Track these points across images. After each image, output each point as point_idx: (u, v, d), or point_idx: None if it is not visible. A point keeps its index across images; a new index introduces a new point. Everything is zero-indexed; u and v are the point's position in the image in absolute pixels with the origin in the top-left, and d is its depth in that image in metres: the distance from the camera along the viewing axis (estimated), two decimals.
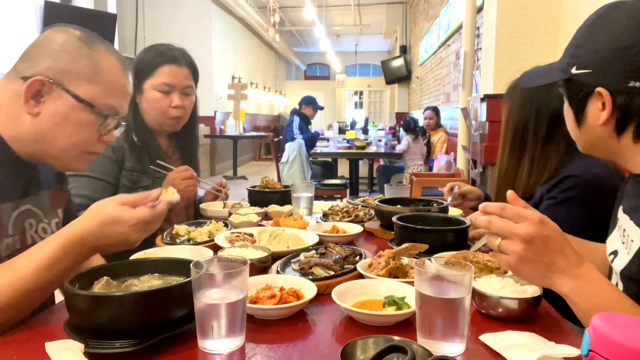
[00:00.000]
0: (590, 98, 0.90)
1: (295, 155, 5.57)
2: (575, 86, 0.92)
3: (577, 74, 0.90)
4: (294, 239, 1.34)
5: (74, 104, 0.97)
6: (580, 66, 0.89)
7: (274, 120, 15.97)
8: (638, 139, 0.88)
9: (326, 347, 0.81)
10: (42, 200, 1.08)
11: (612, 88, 0.86)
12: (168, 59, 1.62)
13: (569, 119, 0.99)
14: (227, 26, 10.69)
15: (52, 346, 0.71)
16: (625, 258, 0.88)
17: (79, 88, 0.98)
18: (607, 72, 0.86)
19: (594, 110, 0.90)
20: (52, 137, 0.98)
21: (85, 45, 0.99)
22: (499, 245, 0.81)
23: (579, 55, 0.90)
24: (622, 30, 0.85)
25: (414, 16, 10.84)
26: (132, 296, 0.76)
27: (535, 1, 2.97)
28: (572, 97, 0.95)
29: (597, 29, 0.89)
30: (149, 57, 1.64)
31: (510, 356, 0.75)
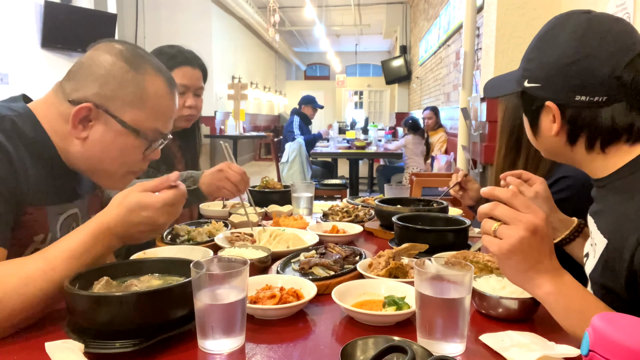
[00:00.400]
0: (542, 110, 0.93)
1: (295, 155, 5.57)
2: (529, 98, 0.95)
3: (529, 87, 0.93)
4: (294, 239, 1.34)
5: (120, 130, 0.99)
6: (531, 79, 0.92)
7: (274, 120, 15.97)
8: (590, 149, 0.90)
9: (326, 347, 0.81)
10: (83, 205, 1.12)
11: (560, 102, 0.89)
12: (182, 61, 1.68)
13: (527, 128, 1.01)
14: (227, 26, 10.69)
15: (52, 346, 0.71)
16: (592, 262, 0.89)
17: (125, 114, 0.99)
18: (554, 87, 0.89)
19: (547, 122, 0.93)
20: (99, 159, 1.01)
21: (131, 69, 1.00)
22: (496, 229, 0.77)
23: (530, 69, 0.93)
24: (566, 45, 0.87)
25: (414, 16, 10.84)
26: (132, 296, 0.76)
27: (535, 1, 2.97)
28: (526, 108, 0.97)
29: (544, 44, 0.91)
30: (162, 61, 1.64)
31: (510, 356, 0.75)
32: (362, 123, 8.00)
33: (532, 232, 0.76)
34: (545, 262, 0.79)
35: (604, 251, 0.85)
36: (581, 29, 0.86)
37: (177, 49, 1.70)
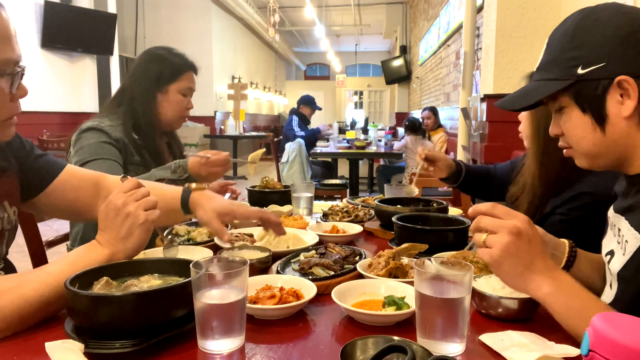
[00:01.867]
0: (609, 92, 0.85)
1: (295, 155, 5.56)
2: (587, 86, 0.86)
3: (587, 72, 0.85)
4: (294, 239, 1.34)
5: None
6: (586, 64, 0.85)
7: (274, 120, 15.97)
8: None
9: (326, 347, 0.81)
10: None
11: (634, 73, 0.82)
12: (190, 66, 1.83)
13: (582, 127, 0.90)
14: (227, 26, 10.69)
15: (52, 346, 0.71)
16: (621, 259, 0.88)
17: None
18: (623, 59, 0.83)
19: (615, 105, 0.85)
20: None
21: None
22: (485, 240, 0.82)
23: (580, 55, 0.86)
24: (617, 21, 0.84)
25: (414, 16, 10.84)
26: (132, 296, 0.76)
27: (535, 1, 2.97)
28: (585, 99, 0.88)
29: (588, 29, 0.86)
30: (176, 62, 1.80)
31: (510, 356, 0.75)
32: (362, 123, 8.00)
33: (517, 235, 0.80)
34: (538, 262, 0.81)
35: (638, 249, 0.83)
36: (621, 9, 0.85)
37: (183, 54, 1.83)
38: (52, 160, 1.22)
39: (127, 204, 0.97)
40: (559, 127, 0.95)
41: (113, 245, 0.96)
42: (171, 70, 1.77)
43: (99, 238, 0.97)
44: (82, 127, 1.66)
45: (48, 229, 2.15)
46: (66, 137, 6.04)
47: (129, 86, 1.77)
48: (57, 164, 1.22)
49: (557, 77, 0.89)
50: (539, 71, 0.94)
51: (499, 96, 3.14)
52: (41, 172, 1.18)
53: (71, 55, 6.82)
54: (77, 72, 6.99)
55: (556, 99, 0.91)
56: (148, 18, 9.40)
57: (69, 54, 6.78)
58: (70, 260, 0.92)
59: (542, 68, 0.94)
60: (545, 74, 0.92)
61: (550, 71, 0.91)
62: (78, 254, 0.94)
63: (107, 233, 0.96)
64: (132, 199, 0.98)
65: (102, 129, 1.63)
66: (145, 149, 1.74)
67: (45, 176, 1.18)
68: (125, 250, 0.96)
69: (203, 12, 9.59)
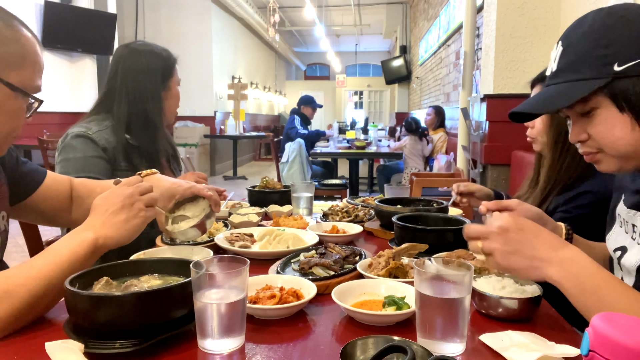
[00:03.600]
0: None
1: (295, 155, 5.57)
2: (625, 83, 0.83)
3: (625, 69, 0.82)
4: (294, 239, 1.34)
5: (8, 93, 0.93)
6: (623, 61, 0.82)
7: (274, 120, 15.97)
8: None
9: (326, 347, 0.81)
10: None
11: None
12: (175, 59, 1.80)
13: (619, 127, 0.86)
14: (227, 26, 10.69)
15: (52, 346, 0.71)
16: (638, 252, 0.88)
17: (10, 75, 0.93)
18: None
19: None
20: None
21: (7, 26, 0.93)
22: (482, 248, 0.85)
23: (613, 53, 0.83)
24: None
25: (414, 16, 10.84)
26: (132, 296, 0.76)
27: (535, 1, 2.97)
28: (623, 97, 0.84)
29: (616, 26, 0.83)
30: (169, 58, 1.77)
31: (510, 356, 0.75)
32: (362, 123, 8.00)
33: (505, 232, 0.83)
34: (541, 248, 0.82)
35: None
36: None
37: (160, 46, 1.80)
38: (35, 166, 1.25)
39: (133, 195, 0.99)
40: (584, 131, 0.90)
41: (103, 229, 0.95)
42: (169, 64, 1.74)
43: (87, 222, 0.97)
44: (69, 132, 1.60)
45: (48, 229, 2.15)
46: None
47: (126, 89, 1.66)
48: (39, 170, 1.25)
49: (590, 77, 0.85)
50: (560, 74, 0.89)
51: (499, 96, 3.14)
52: (27, 178, 1.20)
53: (71, 55, 6.82)
54: (77, 72, 6.99)
55: (587, 101, 0.87)
56: (148, 18, 9.39)
57: (69, 54, 6.78)
58: (55, 250, 0.91)
59: (563, 70, 0.89)
60: (572, 75, 0.87)
61: (580, 71, 0.86)
62: (62, 242, 0.94)
63: (101, 216, 0.96)
64: (138, 192, 1.00)
65: (89, 137, 1.57)
66: (138, 150, 1.66)
67: (31, 182, 1.21)
68: (117, 236, 0.96)
69: (203, 12, 9.58)
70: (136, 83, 1.67)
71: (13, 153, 1.20)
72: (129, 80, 1.67)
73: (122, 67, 1.69)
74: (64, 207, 1.28)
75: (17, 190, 1.18)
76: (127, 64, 1.68)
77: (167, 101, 1.76)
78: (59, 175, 1.31)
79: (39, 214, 1.26)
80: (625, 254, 0.93)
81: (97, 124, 1.63)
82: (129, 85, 1.67)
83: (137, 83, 1.67)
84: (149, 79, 1.68)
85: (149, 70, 1.68)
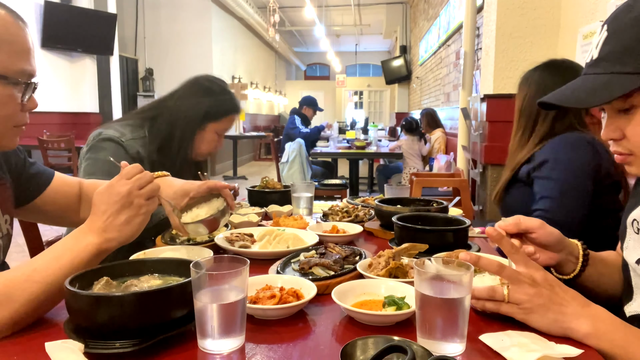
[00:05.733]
0: None
1: (295, 155, 5.57)
2: None
3: None
4: (294, 239, 1.34)
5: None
6: None
7: (274, 120, 15.97)
8: None
9: (326, 347, 0.81)
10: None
11: None
12: (237, 109, 1.78)
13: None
14: (227, 26, 10.69)
15: (52, 346, 0.71)
16: None
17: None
18: None
19: None
20: None
21: None
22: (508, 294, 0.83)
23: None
24: None
25: (414, 16, 10.84)
26: (132, 296, 0.76)
27: (535, 1, 2.97)
28: None
29: None
30: (226, 103, 1.75)
31: (510, 356, 0.75)
32: (362, 123, 8.01)
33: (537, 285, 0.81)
34: (569, 305, 0.79)
35: None
36: None
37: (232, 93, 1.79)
38: (43, 168, 1.25)
39: (131, 192, 0.94)
40: (620, 130, 0.83)
41: (106, 232, 0.92)
42: (219, 110, 1.72)
43: (89, 224, 0.93)
44: (102, 132, 1.59)
45: (48, 229, 2.15)
46: (66, 137, 6.06)
47: (172, 110, 1.69)
48: (47, 172, 1.25)
49: (636, 70, 0.77)
50: (602, 63, 0.81)
51: (499, 96, 3.14)
52: (35, 179, 1.20)
53: (71, 55, 6.83)
54: (77, 72, 6.99)
55: (629, 97, 0.79)
56: (148, 18, 9.39)
57: (69, 54, 6.78)
58: (57, 253, 0.89)
59: (606, 59, 0.81)
60: (615, 66, 0.79)
61: (626, 63, 0.78)
62: (65, 245, 0.91)
63: (103, 219, 0.93)
64: (137, 187, 0.95)
65: (121, 144, 1.57)
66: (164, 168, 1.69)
67: (40, 183, 1.21)
68: (119, 237, 0.94)
69: (203, 12, 9.58)
70: (179, 111, 1.69)
71: (21, 154, 1.19)
72: (177, 105, 1.70)
73: (182, 91, 1.73)
74: (72, 208, 1.27)
75: (23, 193, 1.17)
76: (187, 91, 1.73)
77: (198, 141, 1.72)
78: (68, 177, 1.30)
79: (44, 215, 1.26)
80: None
81: (132, 131, 1.64)
82: (173, 109, 1.69)
83: (180, 111, 1.69)
84: (188, 112, 1.68)
85: (195, 105, 1.69)
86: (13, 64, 0.92)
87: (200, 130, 1.71)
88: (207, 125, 1.71)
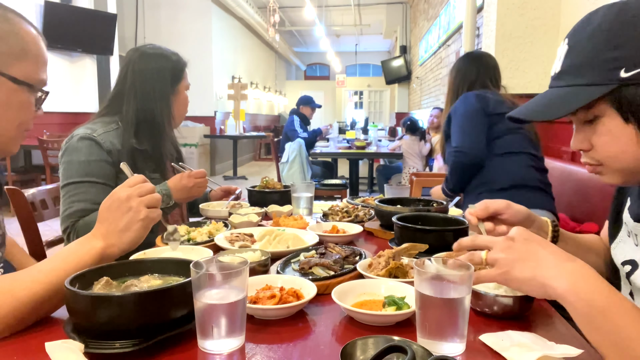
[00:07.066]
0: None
1: (295, 155, 5.56)
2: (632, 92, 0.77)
3: (632, 75, 0.75)
4: (294, 239, 1.33)
5: (13, 87, 0.94)
6: (631, 66, 0.75)
7: (274, 120, 15.97)
8: None
9: (326, 347, 0.81)
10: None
11: None
12: (185, 62, 1.80)
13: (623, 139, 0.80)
14: (227, 26, 10.69)
15: (52, 346, 0.71)
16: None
17: (13, 68, 0.94)
18: None
19: None
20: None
21: (5, 20, 0.94)
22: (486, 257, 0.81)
23: (620, 57, 0.76)
24: None
25: (414, 16, 10.85)
26: (132, 296, 0.76)
27: (535, 1, 2.97)
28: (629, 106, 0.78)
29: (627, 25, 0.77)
30: (179, 61, 1.76)
31: (510, 356, 0.75)
32: (362, 123, 8.01)
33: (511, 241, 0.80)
34: (548, 260, 0.75)
35: None
36: None
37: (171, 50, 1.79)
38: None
39: (130, 197, 0.96)
40: (587, 140, 0.84)
41: (108, 238, 0.95)
42: (179, 68, 1.74)
43: (95, 230, 0.96)
44: (74, 133, 1.60)
45: (48, 229, 2.15)
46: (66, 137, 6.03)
47: (137, 89, 1.66)
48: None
49: (594, 82, 0.78)
50: (563, 76, 0.84)
51: None
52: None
53: (71, 55, 6.82)
54: (77, 72, 6.99)
55: (590, 108, 0.81)
56: (148, 18, 9.39)
57: (69, 54, 6.78)
58: (63, 256, 0.92)
59: (567, 72, 0.83)
60: (576, 78, 0.81)
61: (584, 75, 0.80)
62: (70, 249, 0.94)
63: (105, 225, 0.96)
64: (136, 194, 0.97)
65: (94, 139, 1.57)
66: (143, 154, 1.67)
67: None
68: (120, 244, 0.95)
69: (203, 12, 9.58)
70: (145, 85, 1.67)
71: None
72: (138, 82, 1.67)
73: (132, 69, 1.69)
74: None
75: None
76: (137, 67, 1.69)
77: (176, 105, 1.74)
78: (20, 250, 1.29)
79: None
80: (636, 270, 0.87)
81: (103, 126, 1.63)
82: (138, 87, 1.67)
83: (146, 85, 1.67)
84: (158, 81, 1.68)
85: (158, 73, 1.68)
86: (36, 73, 0.98)
87: (173, 94, 1.73)
88: (177, 87, 1.74)
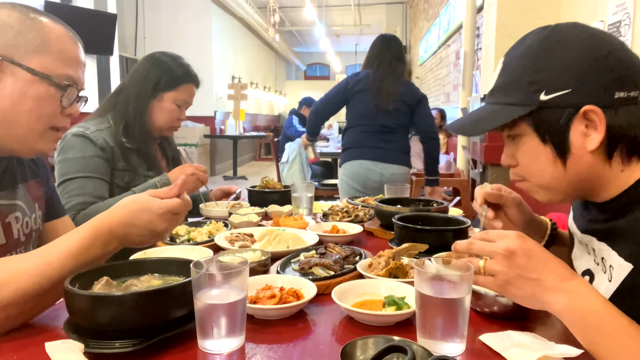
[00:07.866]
0: (573, 122, 0.77)
1: (295, 155, 5.55)
2: (549, 114, 0.79)
3: (550, 99, 0.77)
4: (294, 239, 1.34)
5: (30, 78, 0.95)
6: (550, 89, 0.77)
7: (274, 120, 15.97)
8: (629, 158, 0.78)
9: (326, 347, 0.81)
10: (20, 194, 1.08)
11: (601, 103, 0.75)
12: (192, 79, 1.77)
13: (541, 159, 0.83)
14: (227, 26, 10.69)
15: (52, 346, 0.71)
16: (608, 286, 0.81)
17: (31, 61, 0.95)
18: (591, 87, 0.76)
19: (579, 137, 0.78)
20: (13, 116, 0.95)
21: (28, 18, 0.96)
22: (484, 267, 0.78)
23: (542, 80, 0.78)
24: (585, 44, 0.77)
25: (414, 16, 10.84)
26: (132, 296, 0.76)
27: (535, 1, 2.98)
28: (546, 128, 0.80)
29: (552, 50, 0.79)
30: (178, 71, 1.73)
31: (510, 356, 0.75)
32: None
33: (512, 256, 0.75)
34: (547, 278, 0.74)
35: (628, 277, 0.76)
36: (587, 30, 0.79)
37: (187, 64, 1.78)
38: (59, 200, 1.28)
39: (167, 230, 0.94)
40: (514, 157, 0.88)
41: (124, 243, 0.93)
42: (170, 78, 1.71)
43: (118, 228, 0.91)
44: (66, 133, 1.61)
45: None
46: None
47: (127, 88, 1.71)
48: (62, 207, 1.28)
49: (517, 102, 0.81)
50: (495, 93, 0.86)
51: None
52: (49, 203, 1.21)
53: None
54: None
55: (513, 126, 0.84)
56: (148, 18, 9.39)
57: None
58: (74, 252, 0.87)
59: (498, 90, 0.86)
60: (503, 97, 0.84)
61: (510, 94, 0.83)
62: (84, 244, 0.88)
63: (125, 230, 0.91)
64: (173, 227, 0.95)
65: (87, 136, 1.59)
66: (136, 152, 1.69)
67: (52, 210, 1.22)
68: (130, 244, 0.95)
69: (203, 12, 9.58)
70: (131, 85, 1.70)
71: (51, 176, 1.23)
72: (128, 82, 1.72)
73: (131, 69, 1.75)
74: None
75: None
76: (134, 68, 1.75)
77: (155, 112, 1.71)
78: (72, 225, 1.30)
79: None
80: (593, 280, 0.87)
81: (95, 124, 1.65)
82: (126, 87, 1.72)
83: (131, 85, 1.70)
84: (141, 83, 1.69)
85: (143, 77, 1.70)
86: (59, 68, 0.98)
87: (154, 100, 1.70)
88: (162, 95, 1.71)
